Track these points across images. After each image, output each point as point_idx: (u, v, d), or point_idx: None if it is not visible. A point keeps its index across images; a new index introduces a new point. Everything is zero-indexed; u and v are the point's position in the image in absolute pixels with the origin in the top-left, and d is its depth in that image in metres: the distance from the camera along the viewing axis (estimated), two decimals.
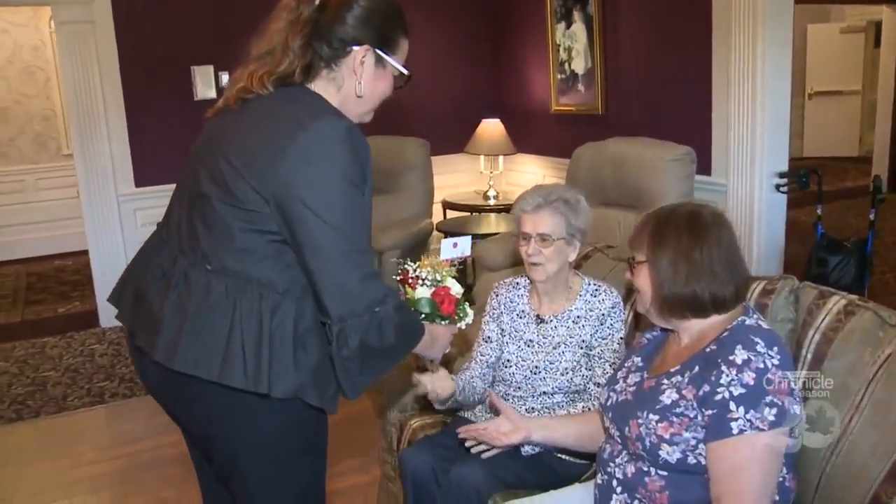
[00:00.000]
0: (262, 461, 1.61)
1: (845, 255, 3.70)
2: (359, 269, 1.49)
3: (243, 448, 1.59)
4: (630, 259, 1.77)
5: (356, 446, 3.29)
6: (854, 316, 1.75)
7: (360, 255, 1.50)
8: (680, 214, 1.70)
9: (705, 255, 1.64)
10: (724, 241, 1.67)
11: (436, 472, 2.10)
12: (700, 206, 1.74)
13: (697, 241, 1.65)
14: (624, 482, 1.69)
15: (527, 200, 2.19)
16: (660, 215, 1.73)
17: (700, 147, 3.96)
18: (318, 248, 1.47)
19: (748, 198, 3.85)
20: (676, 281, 1.64)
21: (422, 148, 5.00)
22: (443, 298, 1.81)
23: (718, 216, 1.71)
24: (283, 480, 1.64)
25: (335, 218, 1.46)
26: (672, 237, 1.67)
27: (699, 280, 1.63)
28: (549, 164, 5.36)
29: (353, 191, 1.48)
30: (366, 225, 1.54)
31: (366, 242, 1.53)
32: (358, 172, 1.49)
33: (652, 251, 1.69)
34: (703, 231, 1.66)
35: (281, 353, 1.51)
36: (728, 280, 1.64)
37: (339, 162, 1.46)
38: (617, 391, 1.79)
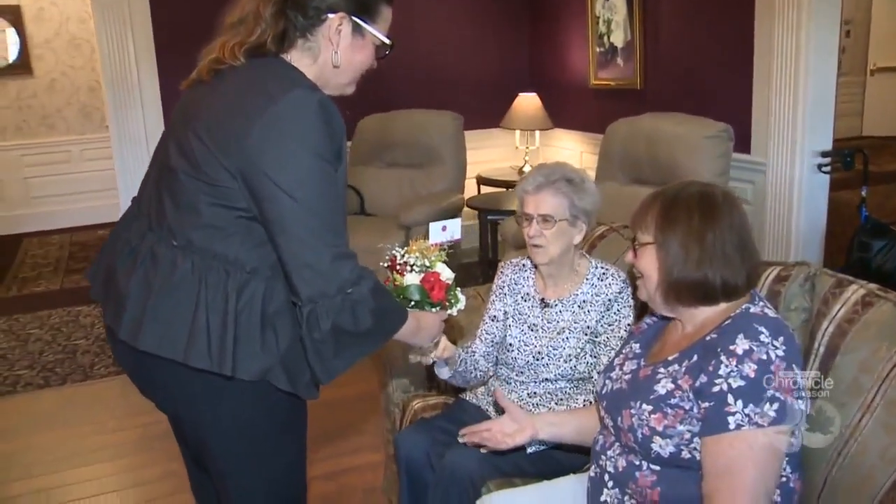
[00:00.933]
0: (233, 444, 1.56)
1: (890, 240, 3.49)
2: (330, 248, 1.42)
3: (213, 431, 1.55)
4: (633, 240, 1.66)
5: (371, 423, 3.25)
6: (872, 307, 1.62)
7: (331, 234, 1.43)
8: (690, 194, 1.59)
9: (718, 238, 1.53)
10: (736, 222, 1.56)
11: (430, 456, 2.03)
12: (710, 186, 1.62)
13: (710, 223, 1.53)
14: (615, 476, 1.60)
15: (528, 180, 2.08)
16: (668, 194, 1.62)
17: (740, 124, 3.80)
18: (287, 226, 1.40)
19: (788, 178, 3.67)
20: (686, 265, 1.53)
21: (454, 121, 4.90)
22: (432, 284, 1.73)
23: (729, 196, 1.59)
24: (257, 464, 1.59)
25: (304, 195, 1.39)
26: (683, 217, 1.55)
27: (711, 264, 1.52)
28: (587, 139, 5.21)
29: (325, 167, 1.41)
30: (339, 203, 1.47)
31: (339, 221, 1.46)
32: (330, 148, 1.42)
33: (661, 232, 1.57)
34: (716, 211, 1.55)
35: (247, 333, 1.45)
36: (740, 265, 1.53)
37: (310, 136, 1.39)
38: (612, 379, 1.69)
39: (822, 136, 3.62)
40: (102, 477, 3.05)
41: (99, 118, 7.42)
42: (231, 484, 1.60)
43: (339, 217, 1.46)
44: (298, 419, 1.64)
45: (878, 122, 9.85)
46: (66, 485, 2.99)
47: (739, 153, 3.82)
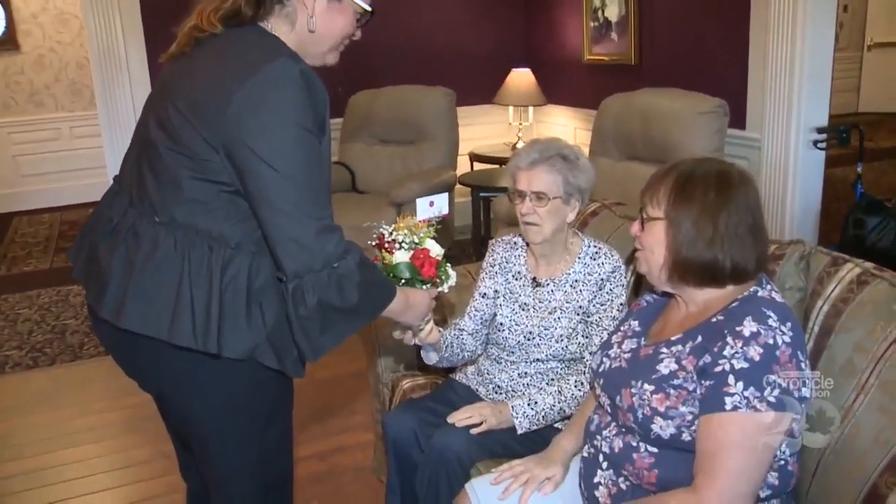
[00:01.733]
0: (219, 425, 1.53)
1: (885, 217, 3.46)
2: (314, 221, 1.38)
3: (198, 411, 1.52)
4: (641, 212, 1.62)
5: (363, 403, 3.23)
6: (867, 286, 1.59)
7: (315, 207, 1.39)
8: (707, 171, 1.54)
9: (732, 218, 1.48)
10: (751, 203, 1.52)
11: (418, 436, 2.00)
12: (727, 164, 1.58)
13: (726, 202, 1.49)
14: (610, 457, 1.57)
15: (521, 156, 2.04)
16: (684, 169, 1.56)
17: (735, 100, 3.75)
18: (270, 200, 1.36)
19: (783, 154, 3.63)
20: (697, 244, 1.49)
21: (446, 98, 4.84)
22: (423, 261, 1.69)
23: (746, 175, 1.55)
24: (243, 445, 1.56)
25: (287, 166, 1.35)
26: (699, 195, 1.51)
27: (722, 245, 1.48)
28: (581, 115, 5.16)
29: (308, 138, 1.37)
30: (323, 175, 1.43)
31: (323, 194, 1.42)
32: (313, 118, 1.38)
33: (674, 207, 1.53)
34: (732, 191, 1.50)
35: (233, 310, 1.42)
36: (752, 247, 1.50)
37: (292, 107, 1.35)
38: (611, 357, 1.66)
39: (818, 111, 3.57)
40: (93, 458, 3.02)
41: (88, 95, 7.31)
42: (216, 465, 1.57)
43: (324, 189, 1.42)
44: (285, 399, 1.61)
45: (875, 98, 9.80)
46: (59, 465, 2.97)
47: (734, 129, 3.78)
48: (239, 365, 1.45)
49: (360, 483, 2.73)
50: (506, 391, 2.09)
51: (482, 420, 1.95)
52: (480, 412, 1.96)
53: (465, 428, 1.93)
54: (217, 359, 1.43)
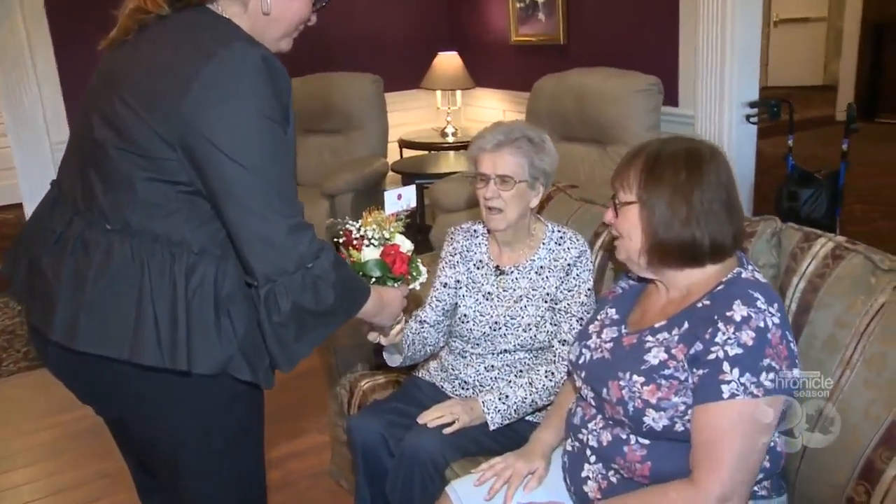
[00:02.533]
0: (191, 447, 1.41)
1: (817, 188, 3.53)
2: (285, 218, 1.27)
3: (167, 434, 1.39)
4: (613, 199, 1.57)
5: (314, 405, 3.10)
6: (843, 260, 1.58)
7: (285, 204, 1.27)
8: (676, 149, 1.50)
9: (706, 195, 1.45)
10: (723, 178, 1.48)
11: (387, 440, 1.92)
12: (695, 141, 1.54)
13: (698, 179, 1.45)
14: (599, 451, 1.52)
15: (486, 138, 1.96)
16: (652, 150, 1.53)
17: (667, 77, 3.75)
18: (236, 197, 1.24)
19: (717, 130, 3.66)
20: (673, 224, 1.45)
21: (374, 84, 4.72)
22: (394, 258, 1.60)
23: (716, 151, 1.52)
24: (217, 469, 1.45)
25: (253, 160, 1.23)
26: (669, 174, 1.47)
27: (699, 223, 1.44)
28: (510, 98, 5.11)
29: (273, 127, 1.26)
30: (291, 168, 1.32)
31: (292, 188, 1.31)
32: (277, 106, 1.26)
33: (645, 190, 1.48)
34: (703, 167, 1.47)
35: (201, 322, 1.30)
36: (728, 223, 1.46)
37: (254, 94, 1.23)
38: (591, 348, 1.60)
39: (749, 86, 3.61)
40: (23, 484, 2.81)
41: None
42: (188, 490, 1.45)
43: (292, 184, 1.31)
44: (258, 413, 1.50)
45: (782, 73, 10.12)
46: None
47: (668, 106, 3.79)
48: (211, 381, 1.33)
49: (319, 489, 2.62)
50: (473, 386, 2.03)
51: (454, 419, 1.87)
52: (451, 411, 1.89)
53: (437, 428, 1.86)
54: (187, 376, 1.30)
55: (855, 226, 4.59)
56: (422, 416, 1.88)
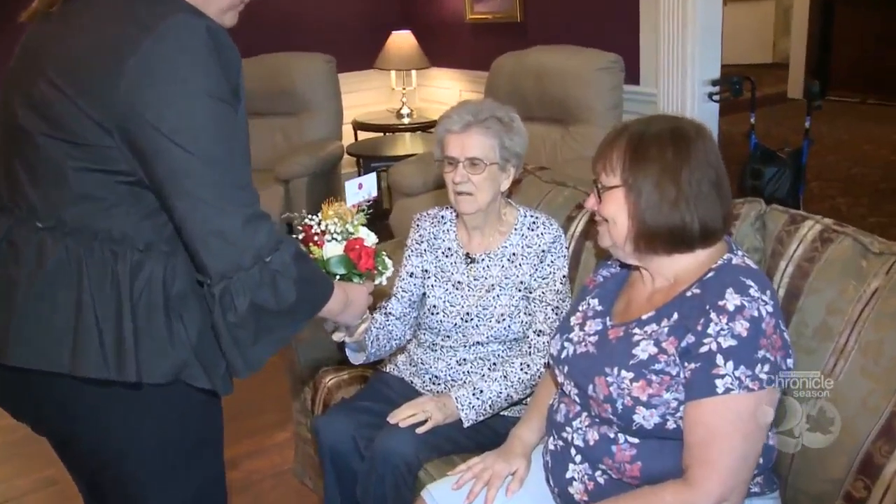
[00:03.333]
0: (143, 465, 1.28)
1: (780, 166, 3.51)
2: (240, 208, 1.14)
3: (118, 452, 1.26)
4: (596, 183, 1.47)
5: (274, 399, 2.96)
6: (832, 244, 1.52)
7: (240, 192, 1.15)
8: (661, 128, 1.41)
9: (695, 175, 1.36)
10: (711, 157, 1.39)
11: (357, 442, 1.81)
12: (679, 119, 1.45)
13: (686, 158, 1.36)
14: (584, 450, 1.43)
15: (452, 119, 1.85)
16: (634, 130, 1.43)
17: (627, 55, 3.69)
18: (185, 188, 1.11)
19: (679, 108, 3.60)
20: (661, 208, 1.36)
21: (327, 64, 4.55)
22: (359, 253, 1.48)
23: (702, 128, 1.43)
24: (173, 484, 1.32)
25: (202, 145, 1.11)
26: (655, 154, 1.37)
27: (688, 205, 1.35)
28: (467, 77, 5.00)
29: (223, 108, 1.13)
30: (244, 152, 1.19)
31: (247, 175, 1.18)
32: (226, 84, 1.14)
33: (631, 172, 1.39)
34: (690, 146, 1.37)
35: (149, 327, 1.18)
36: (717, 204, 1.38)
37: (201, 72, 1.10)
38: (573, 341, 1.51)
39: (711, 64, 3.56)
40: None
41: None
42: None
43: (246, 169, 1.18)
44: (216, 421, 1.38)
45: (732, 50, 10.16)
46: None
47: (629, 85, 3.72)
48: (164, 390, 1.21)
49: (283, 489, 2.51)
50: (444, 381, 1.93)
51: (426, 417, 1.78)
52: (423, 408, 1.79)
53: (409, 427, 1.76)
54: (137, 388, 1.18)
55: (815, 203, 4.61)
56: (392, 416, 1.78)
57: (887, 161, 5.63)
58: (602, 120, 3.57)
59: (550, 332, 1.84)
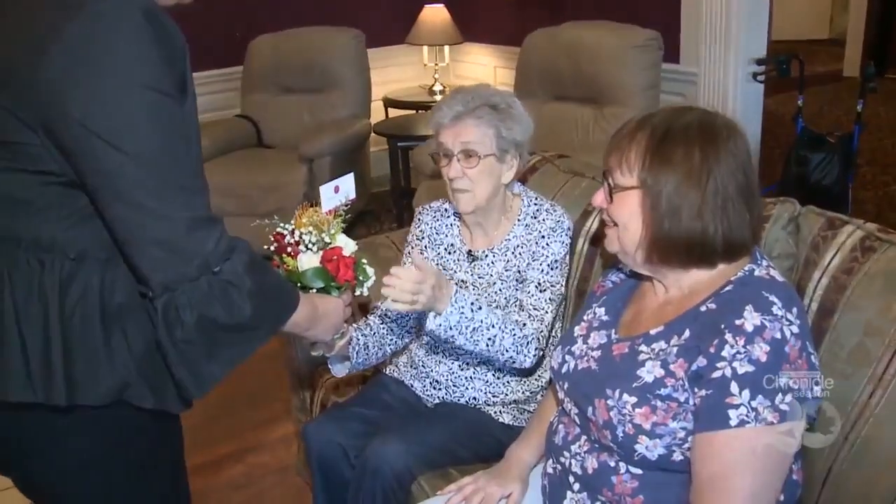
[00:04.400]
0: (87, 492, 1.17)
1: (829, 152, 3.28)
2: (184, 212, 1.02)
3: (55, 480, 1.16)
4: (607, 181, 1.30)
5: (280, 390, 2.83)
6: (874, 253, 1.33)
7: (183, 195, 1.03)
8: (688, 123, 1.23)
9: (721, 181, 1.19)
10: (741, 159, 1.22)
11: (346, 451, 1.69)
12: (708, 112, 1.27)
13: (714, 161, 1.19)
14: (583, 478, 1.29)
15: (443, 110, 1.69)
16: (658, 122, 1.25)
17: (668, 32, 3.49)
18: (120, 192, 0.99)
19: (721, 88, 3.40)
20: (681, 215, 1.19)
21: (355, 40, 4.41)
22: (336, 264, 1.37)
23: (732, 125, 1.25)
24: None
25: (140, 145, 0.98)
26: (681, 153, 1.20)
27: (713, 214, 1.19)
28: (501, 53, 4.82)
29: (164, 102, 1.00)
30: (190, 149, 1.06)
31: (192, 174, 1.06)
32: (169, 74, 1.01)
33: (650, 172, 1.22)
34: (721, 145, 1.20)
35: (84, 344, 1.06)
36: (745, 214, 1.21)
37: (137, 61, 0.98)
38: (575, 355, 1.36)
39: (756, 41, 3.36)
40: None
41: None
42: None
43: (193, 170, 1.06)
44: (170, 441, 1.26)
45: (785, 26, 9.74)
46: None
47: (668, 63, 3.53)
48: (104, 413, 1.09)
49: (285, 486, 2.40)
50: (445, 386, 1.79)
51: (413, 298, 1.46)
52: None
53: (402, 439, 1.63)
54: (71, 411, 1.07)
55: (866, 190, 4.34)
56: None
57: None
58: (637, 101, 3.38)
59: (535, 311, 1.67)
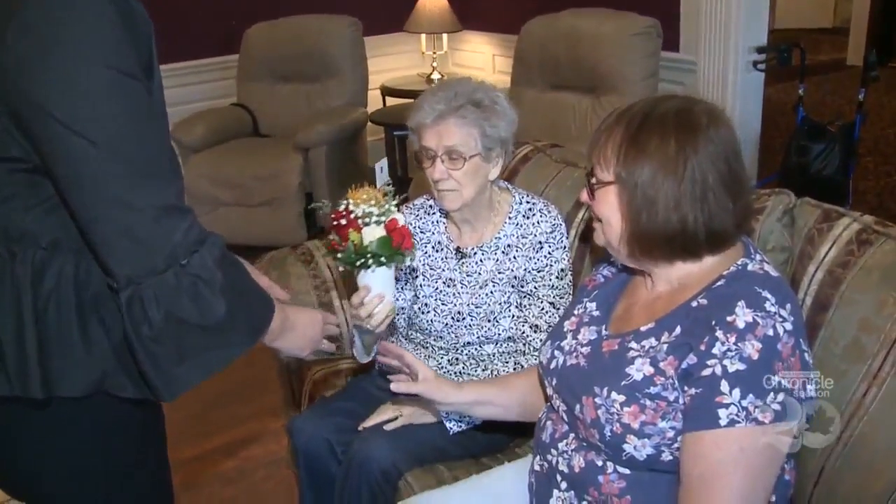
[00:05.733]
0: (68, 485, 1.14)
1: (830, 142, 3.23)
2: (151, 200, 0.98)
3: (36, 474, 1.13)
4: (589, 177, 1.27)
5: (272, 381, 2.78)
6: (870, 247, 1.30)
7: (151, 182, 0.99)
8: (664, 112, 1.19)
9: (699, 170, 1.15)
10: (725, 147, 1.18)
11: (333, 446, 1.67)
12: (688, 100, 1.22)
13: (692, 151, 1.15)
14: (570, 477, 1.26)
15: (424, 109, 1.62)
16: (634, 114, 1.21)
17: (667, 19, 3.44)
18: (85, 181, 0.96)
19: (721, 77, 3.36)
20: (657, 208, 1.16)
21: (351, 27, 4.35)
22: (400, 233, 1.43)
23: (715, 112, 1.21)
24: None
25: (105, 132, 0.94)
26: (655, 145, 1.17)
27: (691, 207, 1.15)
28: (500, 41, 4.76)
29: (130, 85, 0.96)
30: (159, 136, 1.02)
31: (163, 162, 1.02)
32: (134, 56, 0.97)
33: (625, 166, 1.18)
34: (699, 134, 1.16)
35: (60, 333, 1.04)
36: (728, 204, 1.17)
37: (98, 42, 0.94)
38: (564, 350, 1.33)
39: (757, 29, 3.31)
40: None
41: None
42: None
43: (161, 156, 1.02)
44: (154, 433, 1.24)
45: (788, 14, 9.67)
46: None
47: (668, 52, 3.48)
48: (84, 404, 1.07)
49: (276, 479, 2.37)
50: None
51: (397, 415, 1.63)
52: (399, 409, 1.65)
53: (388, 434, 1.61)
54: (48, 404, 1.04)
55: (868, 181, 4.29)
56: (365, 423, 1.63)
57: None
58: (636, 90, 3.33)
59: (548, 328, 1.65)
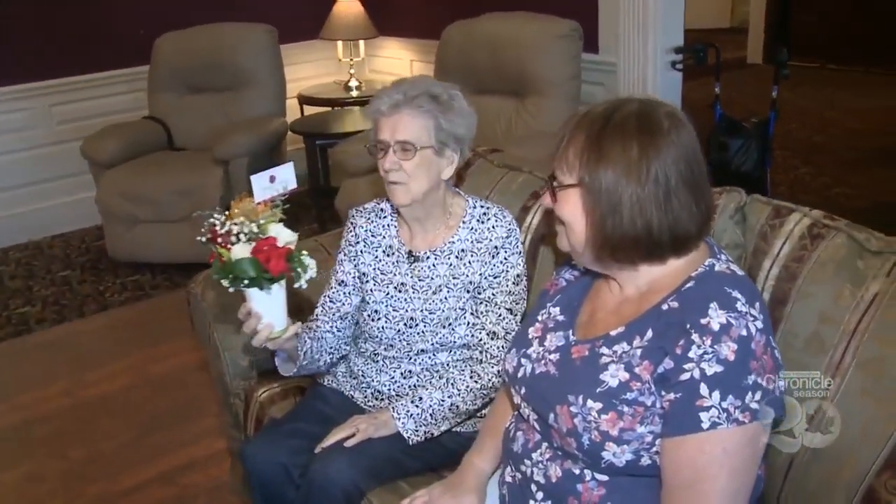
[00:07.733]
0: None
1: (746, 138, 3.34)
2: None
3: None
4: (551, 181, 1.25)
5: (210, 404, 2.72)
6: (823, 241, 1.33)
7: None
8: (625, 116, 1.18)
9: (662, 174, 1.14)
10: (686, 151, 1.17)
11: (290, 470, 1.60)
12: (649, 103, 1.21)
13: (654, 153, 1.14)
14: (546, 487, 1.24)
15: (382, 99, 1.62)
16: (595, 117, 1.20)
17: (585, 22, 3.48)
18: None
19: (641, 77, 3.43)
20: (621, 212, 1.15)
21: (267, 35, 4.25)
22: (267, 254, 1.33)
23: (676, 115, 1.20)
24: None
25: None
26: (617, 149, 1.15)
27: (656, 210, 1.15)
28: (418, 47, 4.75)
29: None
30: None
31: None
32: None
33: (588, 170, 1.17)
34: (661, 138, 1.15)
35: None
36: (692, 208, 1.16)
37: None
38: (531, 358, 1.31)
39: (673, 30, 3.39)
40: None
41: None
42: None
43: None
44: None
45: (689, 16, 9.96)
46: None
47: (588, 53, 3.53)
48: None
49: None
50: (388, 396, 1.72)
51: (354, 430, 1.58)
52: (353, 423, 1.61)
53: (347, 453, 1.55)
54: None
55: (779, 174, 4.46)
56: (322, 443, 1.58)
57: (850, 129, 5.50)
58: (559, 92, 3.37)
59: (506, 334, 1.64)
